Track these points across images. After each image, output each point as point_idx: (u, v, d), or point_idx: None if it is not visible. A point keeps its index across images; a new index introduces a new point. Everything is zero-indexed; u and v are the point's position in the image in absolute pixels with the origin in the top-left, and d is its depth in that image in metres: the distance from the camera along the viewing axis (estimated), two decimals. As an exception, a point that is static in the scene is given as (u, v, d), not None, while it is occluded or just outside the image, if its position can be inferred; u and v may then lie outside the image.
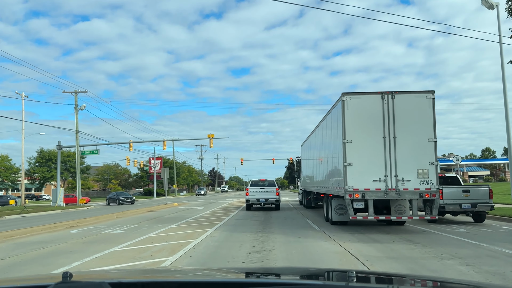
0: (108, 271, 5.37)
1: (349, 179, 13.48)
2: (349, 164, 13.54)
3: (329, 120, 16.57)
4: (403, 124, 13.61)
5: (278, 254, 9.76)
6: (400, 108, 13.66)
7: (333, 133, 15.68)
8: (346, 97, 13.74)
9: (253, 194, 25.70)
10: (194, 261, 9.08)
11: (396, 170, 13.48)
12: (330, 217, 16.45)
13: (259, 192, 25.69)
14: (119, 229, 16.22)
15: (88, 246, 11.64)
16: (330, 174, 16.90)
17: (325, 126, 17.81)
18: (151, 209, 29.77)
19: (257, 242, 11.67)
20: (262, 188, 25.91)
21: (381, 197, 13.49)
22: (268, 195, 25.54)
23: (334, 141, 15.46)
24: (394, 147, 13.55)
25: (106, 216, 22.39)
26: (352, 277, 2.08)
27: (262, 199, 25.54)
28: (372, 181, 13.47)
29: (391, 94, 13.73)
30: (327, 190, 17.43)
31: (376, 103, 13.74)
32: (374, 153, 13.58)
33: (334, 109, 15.32)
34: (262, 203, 25.69)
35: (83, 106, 45.71)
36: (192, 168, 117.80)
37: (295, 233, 13.87)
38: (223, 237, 12.93)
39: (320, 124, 19.42)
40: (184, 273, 3.17)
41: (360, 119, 13.72)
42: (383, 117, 13.65)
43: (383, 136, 13.59)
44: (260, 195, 25.59)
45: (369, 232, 13.97)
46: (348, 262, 8.72)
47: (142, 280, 2.33)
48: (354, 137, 13.64)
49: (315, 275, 2.79)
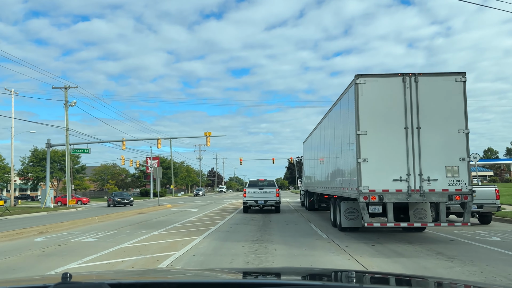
0: (108, 272, 5.35)
1: (364, 178, 11.21)
2: (364, 160, 11.27)
3: (339, 109, 14.28)
4: (428, 112, 11.34)
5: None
6: (425, 93, 11.40)
7: (343, 124, 13.40)
8: (361, 80, 11.47)
9: (251, 195, 23.40)
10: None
11: (420, 168, 11.21)
12: (338, 222, 14.19)
13: (257, 193, 23.40)
14: (93, 236, 13.94)
15: (41, 261, 9.35)
16: (338, 173, 14.62)
17: (333, 117, 15.51)
18: (140, 211, 27.47)
19: (253, 256, 9.41)
20: (261, 188, 23.62)
21: (403, 200, 11.22)
22: (268, 197, 23.26)
23: (345, 134, 13.17)
24: (418, 139, 11.28)
25: (86, 220, 20.08)
26: (352, 277, 2.14)
27: (261, 200, 23.24)
28: (392, 180, 11.20)
29: (414, 77, 11.46)
30: (335, 191, 15.15)
31: (396, 88, 11.48)
32: (394, 147, 11.31)
33: (345, 95, 13.03)
34: (261, 205, 23.40)
35: (73, 103, 43.45)
36: (191, 168, 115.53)
37: (298, 242, 11.62)
38: (212, 248, 10.67)
39: (327, 115, 17.10)
40: (184, 273, 3.29)
41: (377, 107, 11.45)
42: (404, 104, 11.39)
43: (405, 127, 11.32)
44: (258, 197, 23.30)
45: (387, 241, 11.71)
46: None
47: (141, 281, 2.32)
48: (370, 128, 11.37)
49: (315, 275, 2.72)
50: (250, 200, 23.35)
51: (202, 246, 11.01)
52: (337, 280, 2.46)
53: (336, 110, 14.82)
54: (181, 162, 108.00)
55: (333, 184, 15.72)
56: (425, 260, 8.73)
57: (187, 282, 2.21)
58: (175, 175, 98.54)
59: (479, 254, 9.42)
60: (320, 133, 19.20)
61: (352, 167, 12.06)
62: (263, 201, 23.23)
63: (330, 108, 16.08)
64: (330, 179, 16.50)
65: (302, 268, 5.11)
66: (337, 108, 14.62)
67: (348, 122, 12.55)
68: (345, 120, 12.99)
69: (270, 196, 23.23)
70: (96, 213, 28.02)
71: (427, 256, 9.25)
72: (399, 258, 9.01)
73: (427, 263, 8.47)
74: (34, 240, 13.33)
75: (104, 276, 2.87)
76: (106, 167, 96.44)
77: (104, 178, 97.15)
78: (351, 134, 12.09)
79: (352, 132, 11.91)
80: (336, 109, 14.81)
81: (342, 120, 13.55)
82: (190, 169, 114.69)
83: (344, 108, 13.16)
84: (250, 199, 23.33)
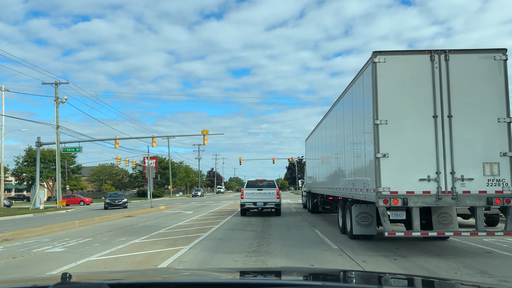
0: (107, 272, 5.48)
1: (384, 177, 9.18)
2: (383, 155, 9.24)
3: (350, 98, 12.24)
4: (461, 98, 9.33)
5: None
6: (457, 75, 9.38)
7: (356, 114, 11.37)
8: (380, 57, 9.44)
9: (250, 196, 21.36)
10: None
11: (452, 165, 9.19)
12: (348, 229, 12.19)
13: (256, 194, 21.36)
14: (62, 245, 11.93)
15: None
16: (349, 172, 12.59)
17: (342, 108, 13.46)
18: (129, 214, 25.42)
19: (247, 276, 7.38)
20: (260, 189, 21.58)
21: (431, 203, 9.20)
22: (267, 198, 21.22)
23: (358, 125, 11.14)
24: (449, 130, 9.26)
25: (64, 224, 18.01)
26: (351, 277, 2.23)
27: (260, 202, 21.19)
28: (418, 180, 9.18)
29: (445, 54, 9.43)
30: (345, 193, 13.12)
31: (422, 67, 9.46)
32: (420, 139, 9.30)
33: (358, 79, 10.99)
34: (260, 207, 21.35)
35: (64, 99, 41.46)
36: (190, 168, 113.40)
37: (303, 254, 9.62)
38: (198, 264, 8.66)
39: (334, 106, 15.04)
40: (183, 273, 3.30)
41: (400, 90, 9.43)
42: (433, 87, 9.37)
43: (434, 115, 9.31)
44: (257, 198, 21.26)
45: (410, 253, 9.69)
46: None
47: (141, 281, 2.33)
48: (391, 117, 9.35)
49: (315, 275, 2.71)
50: (248, 202, 21.31)
51: (185, 261, 8.99)
52: (337, 279, 2.44)
53: (346, 99, 12.79)
54: (180, 162, 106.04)
55: (342, 185, 13.69)
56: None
57: (187, 282, 2.22)
58: (174, 176, 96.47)
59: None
60: (326, 128, 17.14)
61: (368, 164, 10.04)
62: (262, 203, 21.20)
63: (339, 98, 14.04)
64: (339, 179, 14.47)
65: (302, 268, 5.09)
66: (347, 96, 12.59)
67: (362, 111, 10.53)
68: (359, 109, 10.96)
69: (270, 197, 21.20)
70: (85, 215, 26.05)
71: (468, 276, 7.24)
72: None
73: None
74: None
75: (103, 276, 2.83)
76: (104, 167, 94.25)
77: (102, 179, 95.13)
78: (367, 124, 10.07)
79: (368, 122, 9.88)
80: (346, 98, 12.77)
81: (355, 109, 11.51)
82: (189, 169, 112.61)
83: (358, 95, 11.13)
84: (248, 201, 21.30)
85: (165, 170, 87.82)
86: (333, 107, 15.22)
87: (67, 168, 76.18)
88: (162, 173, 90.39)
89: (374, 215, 11.41)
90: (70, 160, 78.99)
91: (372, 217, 11.41)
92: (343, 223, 13.10)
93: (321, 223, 17.41)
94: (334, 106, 15.10)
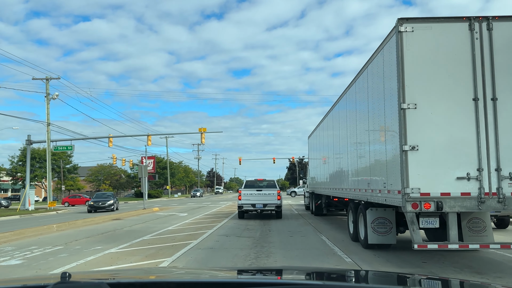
0: (107, 271, 5.18)
1: (413, 175, 7.33)
2: (412, 148, 7.38)
3: (365, 81, 10.35)
4: (509, 76, 7.48)
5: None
6: (503, 47, 7.53)
7: (374, 98, 9.47)
8: (406, 26, 7.58)
9: (248, 198, 19.50)
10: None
11: (498, 159, 7.34)
12: (362, 236, 10.36)
13: (255, 195, 19.49)
14: (23, 255, 10.07)
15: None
16: (363, 169, 10.73)
17: (355, 93, 11.52)
18: (117, 216, 23.56)
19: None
20: (259, 190, 19.72)
21: (472, 208, 7.34)
22: (267, 199, 19.36)
23: (377, 112, 9.24)
24: (493, 116, 7.41)
25: (39, 228, 16.07)
26: (351, 277, 2.20)
27: (259, 204, 19.32)
28: (455, 179, 7.33)
29: (487, 22, 7.58)
30: (358, 195, 11.26)
31: (459, 38, 7.60)
32: (457, 127, 7.45)
33: (378, 56, 9.09)
34: (259, 209, 19.47)
35: (55, 95, 39.60)
36: (189, 168, 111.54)
37: (311, 271, 7.75)
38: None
39: (344, 94, 13.09)
40: (183, 273, 3.20)
41: (431, 67, 7.57)
42: (472, 63, 7.51)
43: (474, 98, 7.46)
44: (256, 200, 19.39)
45: (442, 269, 7.83)
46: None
47: (141, 280, 2.30)
48: (420, 100, 7.49)
49: (315, 275, 2.67)
50: (246, 203, 19.45)
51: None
52: (337, 279, 2.42)
53: (360, 83, 10.90)
54: (179, 162, 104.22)
55: (353, 185, 11.84)
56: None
57: (186, 282, 2.21)
58: (173, 176, 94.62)
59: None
60: (334, 120, 15.25)
61: (391, 159, 8.18)
62: (261, 205, 19.34)
63: (350, 84, 12.16)
64: (349, 179, 12.61)
65: (303, 268, 5.13)
66: (361, 80, 10.71)
67: (383, 94, 8.67)
68: (378, 92, 9.09)
69: (270, 198, 19.34)
70: (73, 217, 24.19)
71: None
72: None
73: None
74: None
75: (103, 276, 2.82)
76: (102, 167, 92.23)
77: (100, 179, 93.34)
78: (389, 110, 8.21)
79: (391, 107, 8.03)
80: (360, 82, 10.89)
81: (373, 93, 9.62)
82: (189, 169, 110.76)
83: (376, 76, 9.26)
84: (247, 203, 19.44)
85: (164, 170, 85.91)
86: (343, 96, 13.34)
87: (62, 168, 74.29)
88: (160, 173, 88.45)
89: (393, 221, 9.59)
90: (66, 160, 77.13)
91: (391, 223, 9.59)
92: (355, 230, 11.25)
93: (327, 227, 15.55)
94: (343, 94, 13.21)
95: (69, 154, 76.98)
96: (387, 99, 8.32)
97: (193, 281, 2.23)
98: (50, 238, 13.70)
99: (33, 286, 2.13)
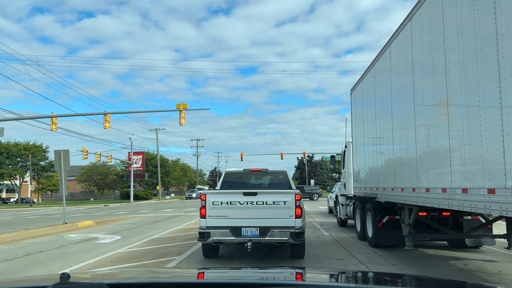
0: (107, 272, 5.12)
1: None
2: None
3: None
4: None
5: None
6: None
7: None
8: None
9: (224, 212, 8.14)
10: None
11: None
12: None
13: (240, 207, 8.15)
14: None
15: None
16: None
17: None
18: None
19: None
20: (251, 195, 8.28)
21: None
22: (269, 216, 8.03)
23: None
24: None
25: None
26: (351, 277, 2.21)
27: (249, 229, 7.95)
28: None
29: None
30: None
31: None
32: None
33: None
34: (248, 239, 8.06)
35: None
36: (187, 166, 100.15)
37: None
38: None
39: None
40: (183, 273, 3.18)
41: None
42: None
43: None
44: (244, 216, 8.06)
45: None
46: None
47: (140, 281, 2.25)
48: None
49: (315, 275, 2.71)
50: (219, 226, 8.12)
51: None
52: (338, 280, 2.43)
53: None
54: (177, 160, 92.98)
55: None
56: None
57: (186, 282, 2.17)
58: (167, 175, 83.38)
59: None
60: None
61: None
62: (255, 230, 8.00)
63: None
64: None
65: (303, 268, 4.99)
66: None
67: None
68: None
69: (277, 214, 8.04)
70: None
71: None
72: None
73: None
74: None
75: (103, 276, 2.76)
76: (95, 165, 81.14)
77: (93, 178, 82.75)
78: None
79: None
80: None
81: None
82: (187, 167, 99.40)
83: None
84: (221, 225, 8.12)
85: (157, 168, 74.43)
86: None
87: (31, 164, 63.09)
88: (153, 171, 77.20)
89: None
90: (39, 155, 65.99)
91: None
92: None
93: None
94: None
95: (44, 149, 66.14)
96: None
97: (193, 282, 2.23)
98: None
99: (32, 286, 2.10)
